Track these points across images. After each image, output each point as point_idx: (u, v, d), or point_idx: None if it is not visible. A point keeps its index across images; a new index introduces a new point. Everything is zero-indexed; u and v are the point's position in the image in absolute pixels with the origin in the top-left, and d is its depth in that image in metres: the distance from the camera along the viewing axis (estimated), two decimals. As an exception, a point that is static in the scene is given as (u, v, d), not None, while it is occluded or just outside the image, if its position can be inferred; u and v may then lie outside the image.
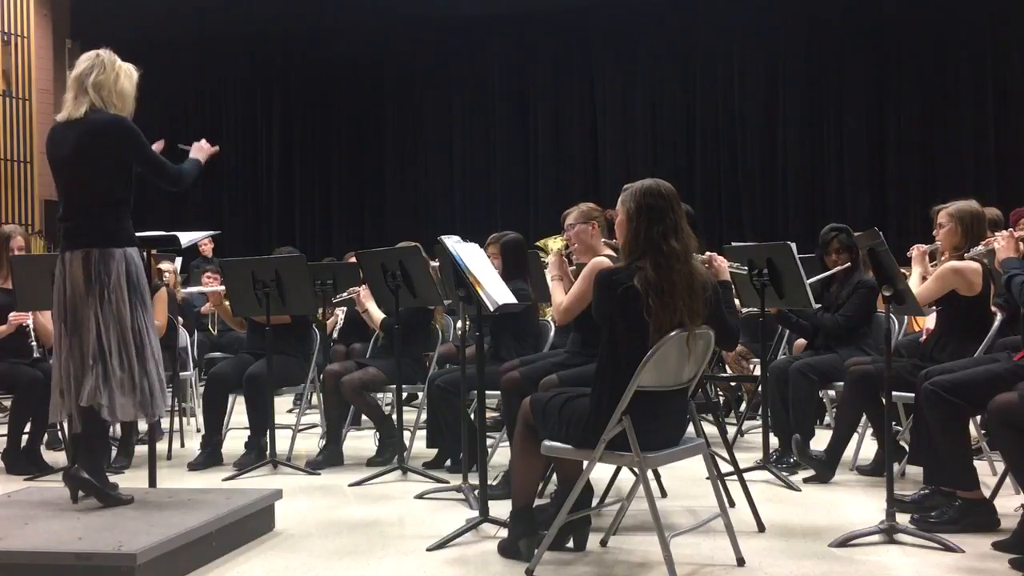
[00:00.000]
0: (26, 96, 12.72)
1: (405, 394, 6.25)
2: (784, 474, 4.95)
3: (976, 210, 4.70)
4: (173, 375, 6.40)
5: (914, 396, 4.22)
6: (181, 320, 6.92)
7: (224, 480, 5.26)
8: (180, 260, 8.98)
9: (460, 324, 5.10)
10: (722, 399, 7.20)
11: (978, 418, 4.44)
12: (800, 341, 5.98)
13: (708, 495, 3.93)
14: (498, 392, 4.77)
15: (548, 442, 3.54)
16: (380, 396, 6.30)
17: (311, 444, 6.37)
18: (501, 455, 5.06)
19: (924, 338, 5.24)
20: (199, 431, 6.43)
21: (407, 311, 5.56)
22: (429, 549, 3.85)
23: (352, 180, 14.03)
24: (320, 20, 13.27)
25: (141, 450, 5.49)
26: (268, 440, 5.53)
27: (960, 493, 4.01)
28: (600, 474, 4.01)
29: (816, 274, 5.49)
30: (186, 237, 4.64)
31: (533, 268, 5.72)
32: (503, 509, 3.94)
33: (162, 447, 5.94)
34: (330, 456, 5.67)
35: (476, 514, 4.09)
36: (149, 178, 4.11)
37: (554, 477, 4.28)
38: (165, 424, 6.37)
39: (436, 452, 5.58)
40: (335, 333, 7.64)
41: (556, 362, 4.57)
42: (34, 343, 5.63)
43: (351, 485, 5.10)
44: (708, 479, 3.79)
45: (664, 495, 4.66)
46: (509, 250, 5.35)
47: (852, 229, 5.54)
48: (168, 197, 13.50)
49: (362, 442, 6.23)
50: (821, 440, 5.27)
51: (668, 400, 3.47)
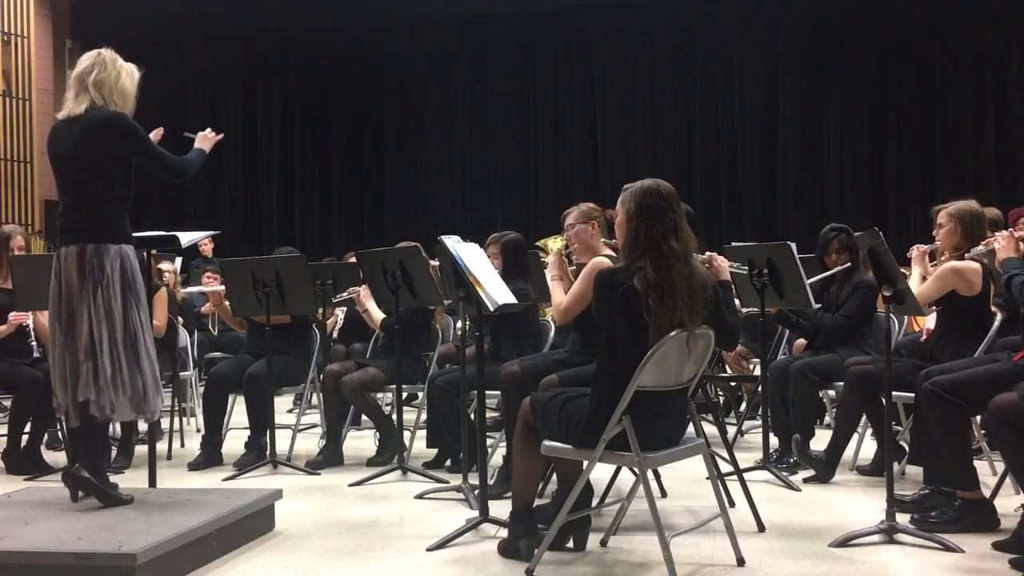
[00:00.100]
0: (26, 96, 12.72)
1: (405, 394, 6.25)
2: (784, 474, 4.95)
3: (976, 210, 4.70)
4: (173, 375, 6.40)
5: (914, 396, 4.22)
6: (181, 320, 6.93)
7: (224, 480, 5.26)
8: (180, 260, 8.97)
9: (460, 324, 5.09)
10: (722, 399, 7.20)
11: (978, 418, 4.43)
12: (800, 341, 5.98)
13: (708, 495, 3.93)
14: (498, 392, 4.76)
15: (548, 442, 3.54)
16: (380, 396, 6.30)
17: (311, 444, 6.37)
18: (501, 455, 5.06)
19: (924, 338, 5.24)
20: (199, 431, 6.43)
21: (407, 311, 5.56)
22: (429, 549, 3.85)
23: (352, 180, 14.03)
24: (320, 20, 13.26)
25: (141, 450, 5.49)
26: (268, 440, 5.53)
27: (960, 493, 4.01)
28: (600, 474, 4.01)
29: (816, 274, 5.49)
30: (186, 237, 4.63)
31: (533, 268, 5.72)
32: (503, 509, 3.94)
33: (162, 447, 5.94)
34: (330, 456, 5.67)
35: (476, 514, 4.09)
36: (152, 171, 4.11)
37: (554, 477, 4.28)
38: (165, 424, 6.37)
39: (436, 452, 5.58)
40: (335, 333, 7.64)
41: (556, 359, 4.58)
42: (34, 343, 5.63)
43: (351, 485, 5.10)
44: (708, 479, 3.79)
45: (664, 495, 4.66)
46: (509, 250, 5.35)
47: (852, 229, 5.54)
48: (169, 192, 13.56)
49: (362, 442, 6.23)
50: (821, 440, 5.27)
51: (668, 400, 3.47)
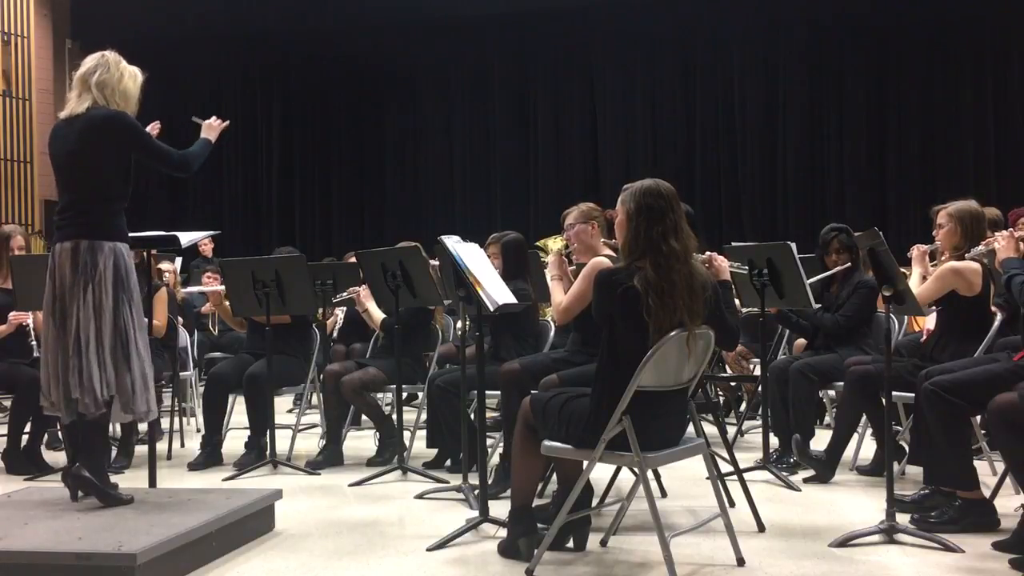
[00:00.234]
0: (26, 96, 12.71)
1: (405, 394, 6.25)
2: (784, 474, 4.95)
3: (976, 210, 4.70)
4: (173, 375, 6.41)
5: (914, 396, 4.22)
6: (181, 320, 6.92)
7: (224, 480, 5.26)
8: (180, 260, 8.98)
9: (460, 324, 5.10)
10: (722, 399, 7.20)
11: (978, 418, 4.43)
12: (800, 341, 5.98)
13: (708, 495, 3.93)
14: (498, 392, 4.76)
15: (548, 442, 3.54)
16: (380, 396, 6.30)
17: (311, 444, 6.37)
18: (499, 453, 5.05)
19: (924, 338, 5.23)
20: (199, 431, 6.43)
21: (407, 311, 5.56)
22: (429, 549, 3.85)
23: (352, 180, 14.03)
24: (320, 20, 13.26)
25: (141, 450, 5.49)
26: (268, 440, 5.53)
27: (960, 493, 4.01)
28: (600, 474, 4.01)
29: (816, 274, 5.49)
30: (186, 237, 4.63)
31: (533, 268, 5.72)
32: (503, 509, 3.94)
33: (162, 447, 5.94)
34: (330, 456, 5.67)
35: (476, 514, 4.09)
36: (154, 167, 4.10)
37: (554, 477, 4.28)
38: (165, 424, 6.37)
39: (436, 452, 5.59)
40: (335, 333, 7.65)
41: (557, 358, 4.58)
42: (34, 343, 5.63)
43: (351, 485, 5.10)
44: (708, 479, 3.79)
45: (664, 495, 4.66)
46: (509, 250, 5.35)
47: (852, 229, 5.54)
48: (169, 192, 13.56)
49: (362, 442, 6.23)
50: (821, 440, 5.27)
51: (668, 400, 3.47)
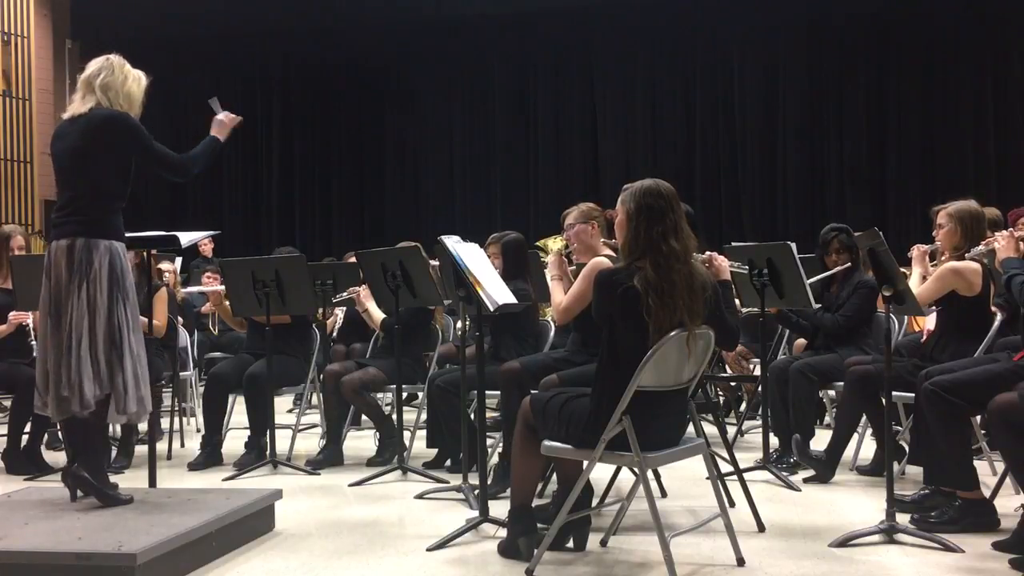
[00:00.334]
0: (26, 96, 12.71)
1: (405, 394, 6.25)
2: (784, 474, 4.95)
3: (976, 210, 4.70)
4: (173, 375, 6.40)
5: (914, 396, 4.22)
6: (181, 320, 6.92)
7: (224, 480, 5.26)
8: (180, 260, 8.98)
9: (460, 324, 5.09)
10: (722, 399, 7.20)
11: (978, 418, 4.43)
12: (800, 341, 5.98)
13: (708, 495, 3.93)
14: (498, 392, 4.76)
15: (548, 442, 3.54)
16: (380, 396, 6.30)
17: (311, 444, 6.37)
18: (498, 452, 5.05)
19: (924, 338, 5.23)
20: (199, 431, 6.43)
21: (407, 311, 5.56)
22: (429, 549, 3.85)
23: (352, 180, 14.03)
24: (320, 20, 13.27)
25: (141, 450, 5.49)
26: (268, 440, 5.53)
27: (960, 493, 4.01)
28: (600, 474, 4.01)
29: (816, 274, 5.49)
30: (186, 237, 4.63)
31: (533, 268, 5.72)
32: (503, 509, 3.94)
33: (162, 447, 5.94)
34: (330, 456, 5.67)
35: (476, 514, 4.09)
36: (153, 170, 4.09)
37: (554, 477, 4.28)
38: (165, 424, 6.38)
39: (436, 452, 5.59)
40: (335, 333, 7.64)
41: (557, 358, 4.58)
42: (34, 343, 5.61)
43: (351, 485, 5.10)
44: (708, 479, 3.79)
45: (664, 495, 4.66)
46: (509, 250, 5.35)
47: (852, 229, 5.54)
48: (169, 192, 13.56)
49: (362, 442, 6.23)
50: (821, 440, 5.27)
51: (668, 400, 3.47)
